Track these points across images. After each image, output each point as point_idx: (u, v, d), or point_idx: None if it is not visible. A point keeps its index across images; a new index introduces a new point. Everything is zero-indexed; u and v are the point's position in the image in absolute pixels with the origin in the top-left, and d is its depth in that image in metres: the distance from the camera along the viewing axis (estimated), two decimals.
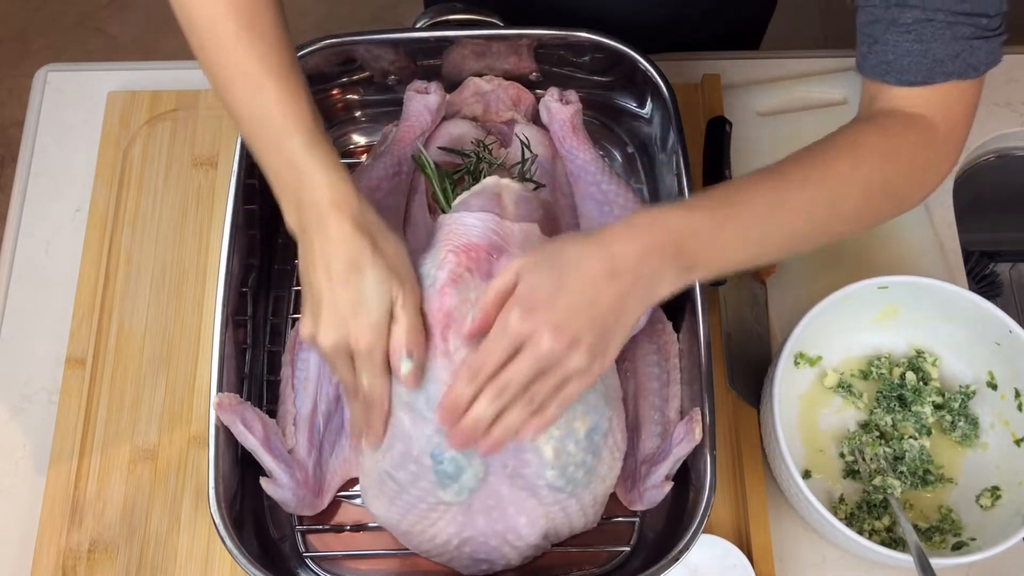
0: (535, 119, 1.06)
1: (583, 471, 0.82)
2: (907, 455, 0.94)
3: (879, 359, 0.99)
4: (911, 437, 0.95)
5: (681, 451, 0.86)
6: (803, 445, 0.97)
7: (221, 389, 0.86)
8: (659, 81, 0.99)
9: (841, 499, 0.94)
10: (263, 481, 0.87)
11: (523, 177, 0.97)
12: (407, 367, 0.78)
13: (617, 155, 1.10)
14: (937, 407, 0.97)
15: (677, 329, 0.95)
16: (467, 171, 0.98)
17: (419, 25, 1.02)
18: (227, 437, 0.86)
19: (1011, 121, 1.15)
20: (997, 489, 0.92)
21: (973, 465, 0.95)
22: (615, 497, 0.90)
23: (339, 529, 0.93)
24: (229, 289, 0.90)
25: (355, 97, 1.09)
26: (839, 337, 0.99)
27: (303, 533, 0.93)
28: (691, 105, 1.11)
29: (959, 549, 0.89)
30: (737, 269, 0.78)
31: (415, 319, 0.79)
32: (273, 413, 0.91)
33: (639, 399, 0.92)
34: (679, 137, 0.96)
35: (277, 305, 1.02)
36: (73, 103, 1.15)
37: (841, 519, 0.86)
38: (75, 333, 1.02)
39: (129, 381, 1.01)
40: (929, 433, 0.96)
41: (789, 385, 0.98)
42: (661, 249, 0.72)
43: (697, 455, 0.86)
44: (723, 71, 1.14)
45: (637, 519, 0.93)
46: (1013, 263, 1.35)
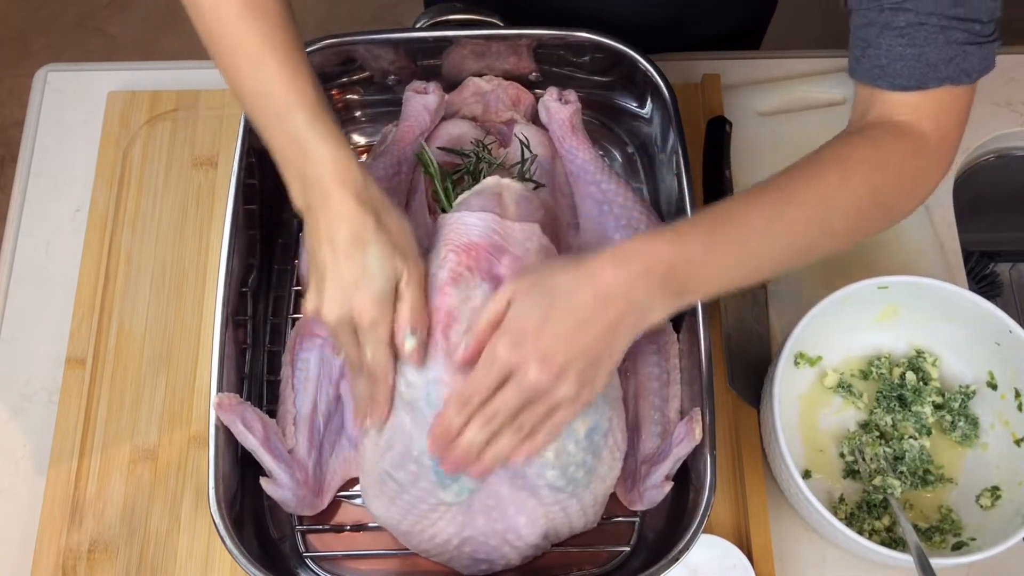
0: (534, 119, 1.06)
1: (583, 471, 0.82)
2: (907, 455, 0.94)
3: (879, 359, 0.99)
4: (911, 437, 0.95)
5: (681, 451, 0.86)
6: (803, 445, 0.97)
7: (221, 389, 0.86)
8: (659, 81, 0.99)
9: (841, 499, 0.94)
10: (263, 481, 0.87)
11: (523, 177, 0.97)
12: (411, 344, 0.78)
13: (617, 155, 1.10)
14: (937, 407, 0.96)
15: (677, 329, 0.95)
16: (467, 171, 0.98)
17: (419, 25, 1.02)
18: (227, 437, 0.86)
19: (1011, 121, 1.15)
20: (997, 489, 0.92)
21: (973, 465, 0.95)
22: (615, 497, 0.90)
23: (339, 529, 0.93)
24: (229, 289, 0.90)
25: (355, 97, 1.09)
26: (839, 337, 0.99)
27: (303, 533, 0.93)
28: (691, 105, 1.11)
29: (959, 549, 0.89)
30: (728, 290, 0.78)
31: (419, 296, 0.79)
32: (273, 413, 0.91)
33: (639, 399, 0.92)
34: (679, 137, 0.96)
35: (277, 305, 1.02)
36: (73, 103, 1.15)
37: (841, 519, 0.86)
38: (75, 333, 1.02)
39: (129, 381, 1.01)
40: (929, 433, 0.96)
41: (789, 385, 0.98)
42: (648, 278, 0.71)
43: (697, 455, 0.87)
44: (723, 71, 1.14)
45: (637, 519, 0.93)
46: (1013, 263, 1.35)
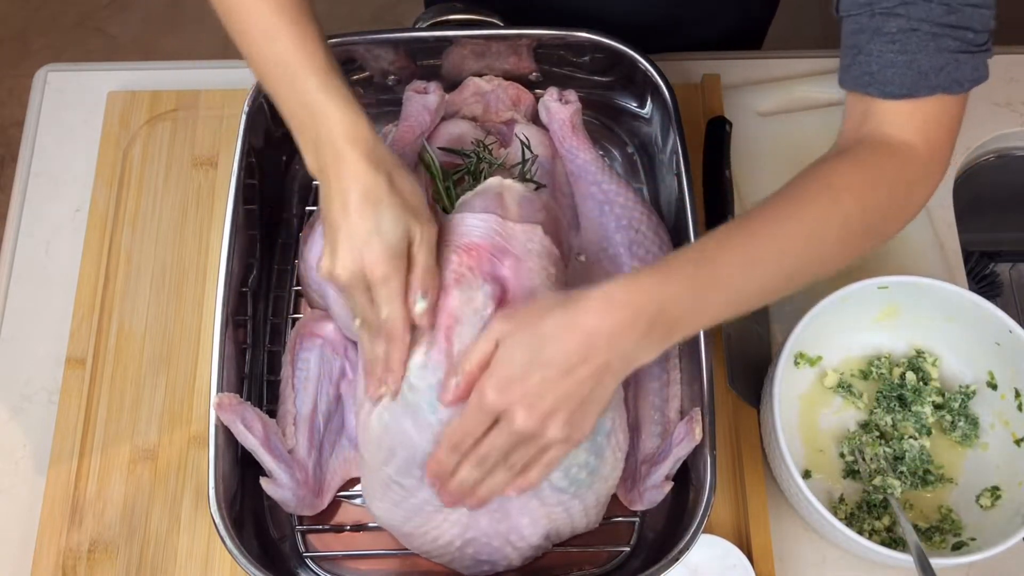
0: (535, 119, 1.06)
1: (586, 472, 0.82)
2: (907, 455, 0.94)
3: (879, 359, 0.99)
4: (911, 437, 0.95)
5: (681, 451, 0.86)
6: (803, 445, 0.97)
7: (221, 389, 0.86)
8: (659, 81, 0.99)
9: (841, 499, 0.94)
10: (263, 481, 0.87)
11: (524, 178, 0.96)
12: (422, 307, 0.78)
13: (617, 155, 1.10)
14: (937, 407, 0.96)
15: None
16: (467, 171, 0.98)
17: (419, 25, 1.02)
18: (227, 437, 0.86)
19: (1011, 121, 1.15)
20: (997, 489, 0.92)
21: (973, 465, 0.95)
22: (615, 497, 0.90)
23: (339, 529, 0.93)
24: (229, 289, 0.90)
25: None
26: (839, 337, 0.99)
27: (303, 533, 0.93)
28: (691, 105, 1.11)
29: (959, 549, 0.89)
30: (717, 323, 0.77)
31: (430, 259, 0.79)
32: (273, 413, 0.91)
33: (639, 399, 0.92)
34: (679, 137, 0.96)
35: (277, 305, 1.02)
36: (73, 103, 1.15)
37: (841, 519, 0.86)
38: (75, 333, 1.02)
39: (129, 381, 1.01)
40: (929, 433, 0.96)
41: (789, 385, 0.98)
42: (635, 326, 0.71)
43: (697, 455, 0.87)
44: (723, 71, 1.14)
45: (637, 519, 0.93)
46: (1013, 263, 1.35)
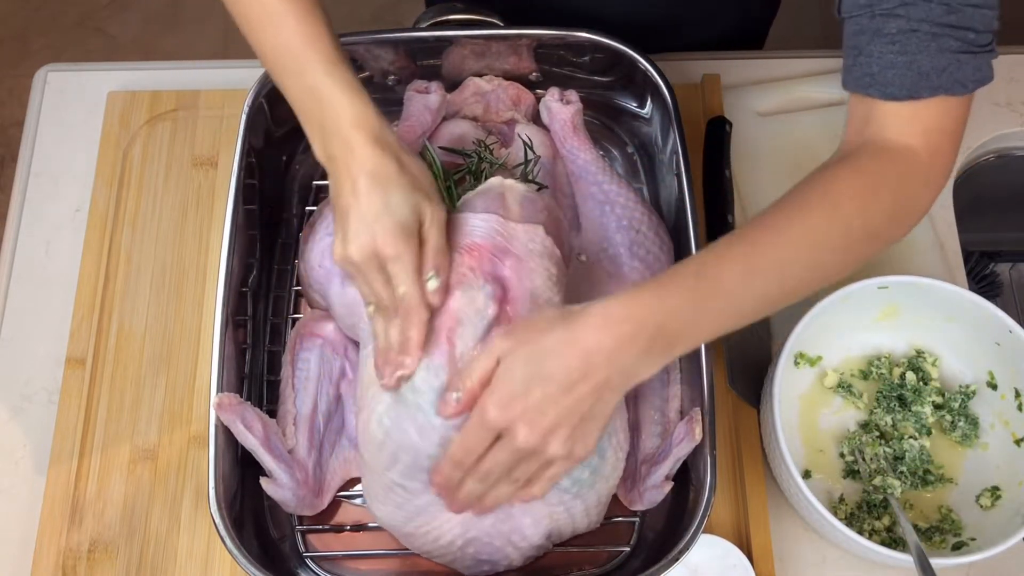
0: (535, 119, 1.06)
1: (588, 471, 0.82)
2: (907, 455, 0.94)
3: (879, 359, 0.99)
4: (911, 437, 0.95)
5: (681, 451, 0.86)
6: (803, 445, 0.97)
7: (221, 389, 0.86)
8: (659, 81, 0.99)
9: (841, 499, 0.94)
10: (263, 481, 0.87)
11: (526, 178, 0.96)
12: (434, 285, 0.79)
13: (617, 155, 1.10)
14: (937, 407, 0.96)
15: None
16: (468, 171, 0.98)
17: (419, 25, 1.02)
18: (227, 437, 0.86)
19: (1011, 121, 1.15)
20: (997, 489, 0.92)
21: (973, 465, 0.95)
22: (615, 497, 0.90)
23: (339, 529, 0.93)
24: (229, 289, 0.90)
25: None
26: (839, 337, 0.99)
27: (303, 533, 0.93)
28: (691, 105, 1.11)
29: (959, 549, 0.89)
30: (720, 335, 0.77)
31: (441, 238, 0.80)
32: (273, 413, 0.91)
33: (639, 399, 0.92)
34: (679, 137, 0.96)
35: (277, 305, 1.02)
36: (73, 103, 1.15)
37: (841, 519, 0.86)
38: (75, 333, 1.02)
39: (129, 381, 1.01)
40: (929, 433, 0.96)
41: (789, 385, 0.98)
42: (635, 342, 0.71)
43: (697, 455, 0.87)
44: (723, 71, 1.14)
45: (637, 519, 0.93)
46: (1013, 263, 1.35)
